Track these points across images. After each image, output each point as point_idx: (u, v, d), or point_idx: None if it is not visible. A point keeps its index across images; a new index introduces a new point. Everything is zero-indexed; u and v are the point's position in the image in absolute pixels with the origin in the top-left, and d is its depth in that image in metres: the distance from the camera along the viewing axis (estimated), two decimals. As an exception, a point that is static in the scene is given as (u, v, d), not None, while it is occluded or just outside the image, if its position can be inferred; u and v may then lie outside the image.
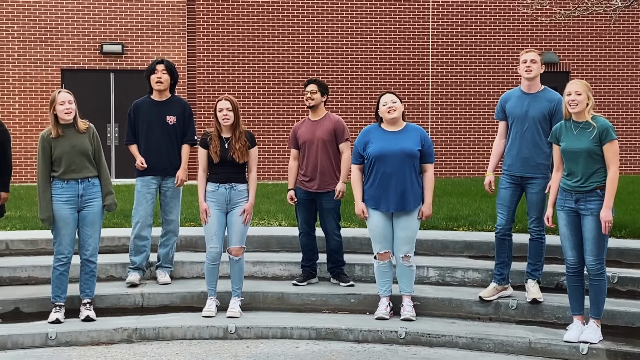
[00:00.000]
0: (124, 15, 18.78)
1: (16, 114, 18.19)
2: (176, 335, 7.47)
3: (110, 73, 18.78)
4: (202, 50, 19.30)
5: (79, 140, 7.58)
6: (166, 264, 8.59)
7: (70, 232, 7.58)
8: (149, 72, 8.47)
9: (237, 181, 7.81)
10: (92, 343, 7.30)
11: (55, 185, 7.57)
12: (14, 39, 18.36)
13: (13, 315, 7.74)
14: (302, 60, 19.71)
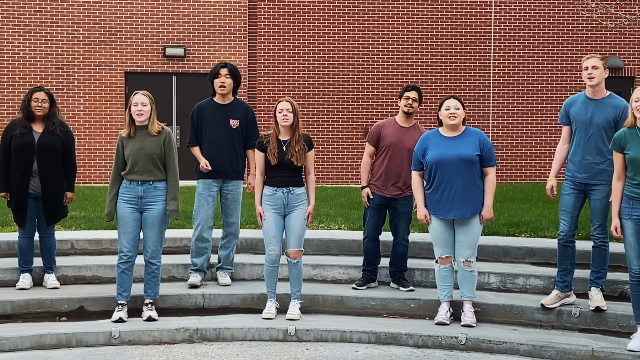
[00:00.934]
0: (186, 18, 18.99)
1: (80, 116, 18.51)
2: (236, 337, 7.53)
3: (173, 76, 19.01)
4: (262, 54, 19.42)
5: (147, 143, 7.69)
6: (227, 265, 8.66)
7: (131, 232, 7.69)
8: (213, 75, 8.52)
9: (294, 185, 7.83)
10: (154, 342, 7.39)
11: (122, 184, 7.73)
12: (79, 42, 18.68)
13: (78, 313, 7.88)
14: (362, 64, 19.70)
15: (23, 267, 8.30)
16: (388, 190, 8.38)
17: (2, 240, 9.14)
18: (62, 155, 8.23)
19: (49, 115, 8.23)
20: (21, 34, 18.47)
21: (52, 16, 18.56)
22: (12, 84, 18.45)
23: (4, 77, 18.44)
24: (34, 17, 18.50)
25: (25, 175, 8.10)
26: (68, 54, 18.65)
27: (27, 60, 18.52)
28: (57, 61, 18.63)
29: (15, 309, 7.78)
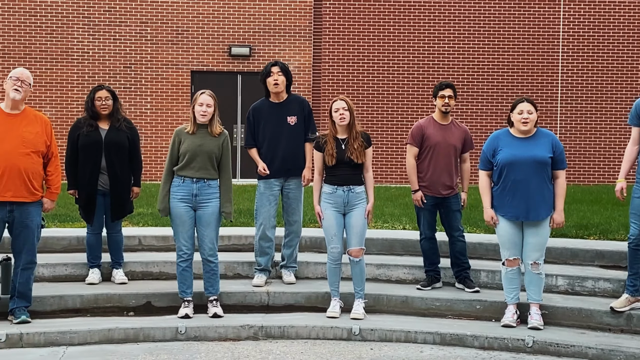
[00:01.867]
0: (252, 18, 19.11)
1: (147, 114, 18.76)
2: (301, 335, 7.54)
3: (238, 75, 19.15)
4: (327, 53, 19.45)
5: (207, 141, 7.75)
6: (291, 263, 8.68)
7: (187, 230, 7.74)
8: (265, 75, 8.50)
9: (354, 183, 7.81)
10: (219, 339, 7.45)
11: (173, 182, 7.76)
12: (147, 42, 18.94)
13: (145, 308, 7.99)
14: (427, 64, 19.60)
15: (92, 263, 8.44)
16: (438, 190, 8.34)
17: (72, 236, 9.30)
18: (128, 151, 8.34)
19: (113, 112, 8.34)
20: (91, 32, 18.79)
21: (120, 15, 18.85)
22: (81, 82, 18.78)
23: (74, 76, 18.78)
24: (103, 17, 18.81)
25: (94, 173, 8.23)
26: (136, 52, 18.92)
27: (96, 59, 18.83)
28: (125, 60, 18.91)
29: (84, 303, 7.91)
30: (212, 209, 7.75)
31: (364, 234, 7.85)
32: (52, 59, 18.72)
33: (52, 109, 18.71)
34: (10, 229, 7.36)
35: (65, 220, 10.55)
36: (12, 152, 7.17)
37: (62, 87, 18.79)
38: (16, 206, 7.25)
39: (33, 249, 7.43)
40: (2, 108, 7.34)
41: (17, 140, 7.21)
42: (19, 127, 7.26)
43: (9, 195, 7.19)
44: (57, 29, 18.69)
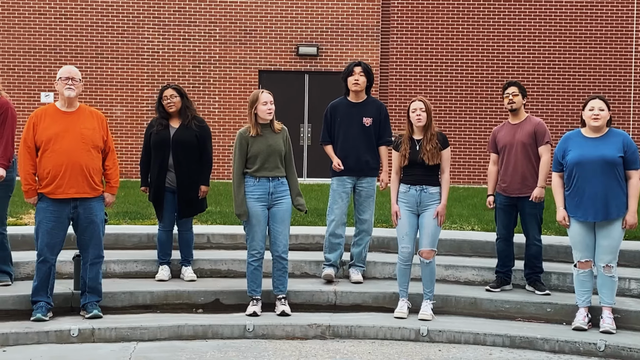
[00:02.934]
0: (319, 17, 19.14)
1: (215, 113, 18.92)
2: (368, 335, 7.52)
3: (305, 74, 19.19)
4: (394, 53, 19.38)
5: (274, 140, 7.78)
6: (359, 263, 8.67)
7: (262, 229, 7.79)
8: (347, 74, 8.56)
9: (428, 183, 7.77)
10: (287, 337, 7.47)
11: (247, 183, 7.78)
12: (215, 41, 19.11)
13: (214, 306, 8.05)
14: (497, 63, 19.39)
15: (162, 260, 8.54)
16: (512, 190, 8.24)
17: (142, 233, 9.43)
18: (197, 149, 8.41)
19: (182, 109, 8.43)
20: (160, 32, 19.03)
21: (190, 15, 19.05)
22: (151, 82, 19.04)
23: (144, 75, 19.04)
24: (173, 17, 19.03)
25: (161, 170, 8.33)
26: (205, 52, 19.10)
27: (165, 58, 19.07)
28: (194, 59, 19.11)
29: (154, 299, 8.01)
30: (286, 205, 7.81)
31: (437, 235, 7.80)
32: (122, 59, 19.01)
33: (123, 108, 19.00)
34: (75, 226, 7.49)
35: (135, 218, 10.70)
36: (73, 149, 7.29)
37: (133, 87, 19.06)
38: (79, 202, 7.37)
39: (100, 244, 7.55)
40: (59, 107, 7.46)
41: (77, 137, 7.33)
42: (76, 125, 7.37)
43: (72, 192, 7.31)
44: (128, 29, 18.97)
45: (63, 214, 7.36)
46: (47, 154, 7.29)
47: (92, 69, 18.78)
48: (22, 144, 7.36)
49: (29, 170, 7.34)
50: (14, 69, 18.57)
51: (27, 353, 6.81)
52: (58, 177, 7.27)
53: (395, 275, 8.12)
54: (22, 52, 18.72)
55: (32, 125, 7.34)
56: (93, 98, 18.55)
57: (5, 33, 18.65)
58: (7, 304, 7.56)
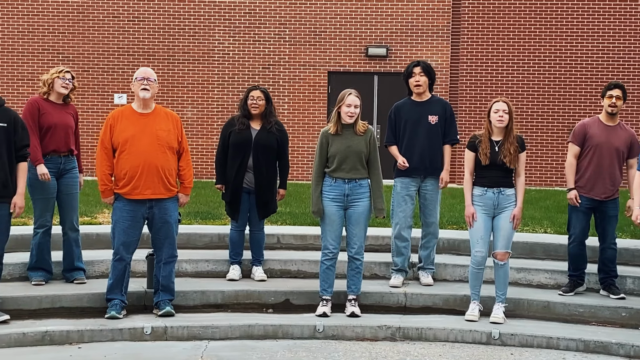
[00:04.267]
0: (389, 18, 19.08)
1: (285, 115, 19.00)
2: (439, 337, 7.47)
3: (374, 75, 19.16)
4: (465, 53, 19.21)
5: (354, 142, 7.76)
6: (428, 265, 8.62)
7: (336, 229, 7.78)
8: (407, 75, 8.50)
9: (505, 185, 7.68)
10: (356, 338, 7.46)
11: (325, 182, 7.80)
12: (285, 43, 19.20)
13: (284, 306, 8.09)
14: (570, 63, 19.07)
15: (233, 259, 8.60)
16: (596, 193, 8.06)
17: (213, 233, 9.51)
18: (276, 153, 8.46)
19: (265, 113, 8.48)
20: (231, 34, 19.19)
21: (260, 17, 19.17)
22: (221, 83, 19.21)
23: (214, 77, 19.23)
24: (243, 19, 19.18)
25: (240, 170, 8.38)
26: (274, 54, 19.21)
27: (236, 60, 19.23)
28: (264, 61, 19.23)
29: (225, 299, 8.08)
30: (363, 207, 7.77)
31: (512, 237, 7.71)
32: (194, 60, 19.22)
33: (194, 109, 19.22)
34: (150, 225, 7.59)
35: (207, 218, 10.81)
36: (149, 150, 7.39)
37: (204, 88, 19.26)
38: (155, 202, 7.47)
39: (173, 243, 7.64)
40: (135, 108, 7.57)
41: (152, 138, 7.42)
42: (152, 126, 7.47)
43: (148, 192, 7.41)
44: (200, 31, 19.18)
45: (138, 214, 7.47)
46: (124, 156, 7.40)
47: (164, 70, 19.03)
48: (100, 145, 7.49)
49: (105, 171, 7.47)
50: (88, 70, 18.94)
51: (101, 350, 6.93)
52: (135, 178, 7.38)
53: (465, 278, 8.06)
54: (96, 55, 19.08)
55: (109, 127, 7.47)
56: (165, 99, 18.80)
57: (80, 36, 19.02)
58: (82, 302, 7.71)
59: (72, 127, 8.12)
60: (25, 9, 18.94)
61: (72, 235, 8.15)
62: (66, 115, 8.07)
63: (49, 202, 8.03)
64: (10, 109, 7.31)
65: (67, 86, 8.05)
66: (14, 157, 7.15)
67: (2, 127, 7.07)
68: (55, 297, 7.67)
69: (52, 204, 8.06)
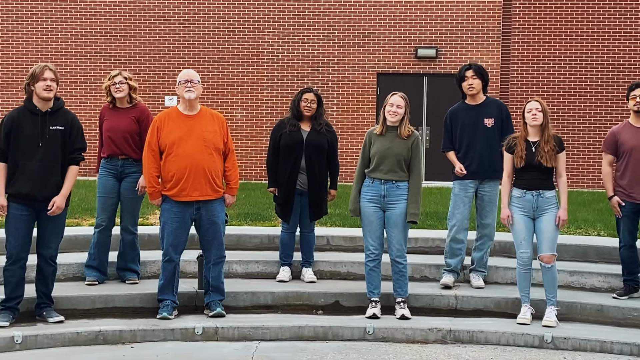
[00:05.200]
0: (438, 19, 18.99)
1: (334, 116, 19.01)
2: (490, 340, 7.41)
3: (424, 77, 19.08)
4: (516, 54, 19.04)
5: (396, 144, 7.74)
6: (480, 267, 8.56)
7: (375, 230, 7.77)
8: (460, 79, 8.46)
9: (544, 187, 7.61)
10: (407, 341, 7.44)
11: (365, 182, 7.81)
12: (334, 45, 19.20)
13: (333, 307, 8.09)
14: (623, 64, 18.80)
15: (283, 260, 8.62)
16: (637, 196, 7.97)
17: (263, 234, 9.55)
18: (327, 154, 8.47)
19: (316, 115, 8.49)
20: (280, 36, 19.25)
21: (309, 19, 19.20)
22: (270, 85, 19.28)
23: (264, 79, 19.30)
24: (292, 21, 19.23)
25: (293, 172, 8.40)
26: (323, 55, 19.22)
27: (285, 62, 19.28)
28: (312, 63, 19.25)
29: (275, 300, 8.10)
30: (400, 210, 7.73)
31: (556, 239, 7.62)
32: (243, 62, 19.32)
33: (243, 111, 19.31)
34: (198, 227, 7.64)
35: (256, 219, 10.85)
36: (196, 152, 7.43)
37: (253, 90, 19.35)
38: (202, 204, 7.51)
39: (221, 244, 7.68)
40: (181, 110, 7.62)
41: (199, 140, 7.47)
42: (198, 127, 7.51)
43: (195, 194, 7.46)
44: (249, 33, 19.27)
45: (186, 215, 7.52)
46: (171, 158, 7.46)
47: (214, 72, 19.17)
48: (147, 147, 7.56)
49: (152, 173, 7.53)
50: (140, 73, 19.13)
51: (154, 350, 7.00)
52: (182, 180, 7.44)
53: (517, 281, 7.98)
54: (147, 57, 19.27)
55: (155, 129, 7.53)
56: (214, 101, 18.93)
57: (131, 39, 19.24)
58: (134, 302, 7.80)
59: (130, 130, 8.14)
60: (78, 13, 19.21)
61: (127, 238, 8.24)
62: (124, 120, 8.16)
63: (105, 201, 8.14)
64: (69, 112, 7.43)
65: (119, 89, 8.15)
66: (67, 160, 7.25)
67: (58, 130, 7.18)
68: (109, 297, 7.76)
69: (109, 204, 8.16)
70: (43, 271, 7.27)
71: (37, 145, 7.08)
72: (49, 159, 7.10)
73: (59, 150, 7.17)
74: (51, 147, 7.12)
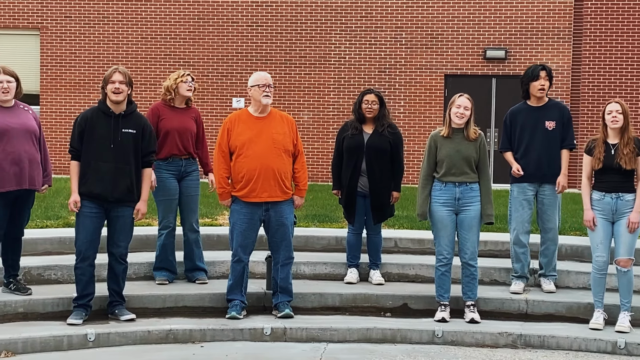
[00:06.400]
0: (508, 20, 18.78)
1: (400, 118, 18.94)
2: (562, 345, 7.30)
3: (492, 78, 18.89)
4: (587, 55, 18.72)
5: (464, 146, 7.69)
6: (550, 272, 8.43)
7: (449, 234, 7.71)
8: (531, 78, 8.32)
9: (624, 190, 7.46)
10: (476, 345, 7.37)
11: (434, 187, 7.76)
12: (401, 46, 19.13)
13: (401, 310, 8.05)
14: (697, 65, 18.37)
15: (350, 262, 8.62)
16: None
17: (330, 236, 9.56)
18: (389, 155, 8.44)
19: (379, 116, 8.47)
20: (347, 38, 19.25)
21: (376, 21, 19.17)
22: (337, 87, 19.30)
23: (330, 80, 19.33)
24: (360, 22, 19.21)
25: (354, 174, 8.40)
26: (391, 57, 19.17)
27: (352, 63, 19.27)
28: (380, 64, 19.21)
29: (343, 302, 8.10)
30: (474, 212, 7.68)
31: (634, 243, 7.48)
32: (310, 64, 19.37)
33: (310, 113, 19.37)
34: (267, 228, 7.67)
35: (324, 221, 10.86)
36: (266, 154, 7.47)
37: (319, 92, 19.39)
38: (271, 205, 7.55)
39: (290, 246, 7.71)
40: (251, 112, 7.66)
41: (269, 142, 7.50)
42: (268, 129, 7.54)
43: (265, 195, 7.49)
44: (316, 35, 19.32)
45: (255, 216, 7.57)
46: (241, 159, 7.51)
47: (281, 74, 19.26)
48: (217, 149, 7.62)
49: (222, 174, 7.60)
50: (208, 75, 19.33)
51: (223, 349, 7.06)
52: (252, 181, 7.48)
53: (589, 285, 7.86)
54: (215, 59, 19.46)
55: (226, 131, 7.59)
56: (281, 103, 19.02)
57: (200, 41, 19.44)
58: (204, 301, 7.87)
59: (193, 130, 8.25)
60: (148, 16, 19.50)
61: (192, 237, 8.32)
62: (187, 119, 8.24)
63: (171, 203, 8.22)
64: (142, 116, 7.53)
65: (191, 88, 8.25)
66: (140, 163, 7.36)
67: (131, 134, 7.28)
68: (179, 297, 7.85)
69: (174, 205, 8.25)
70: (114, 269, 7.39)
71: (108, 147, 7.20)
72: (120, 161, 7.21)
73: (131, 153, 7.27)
74: (123, 150, 7.23)
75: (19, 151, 7.25)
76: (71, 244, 7.91)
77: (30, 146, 7.34)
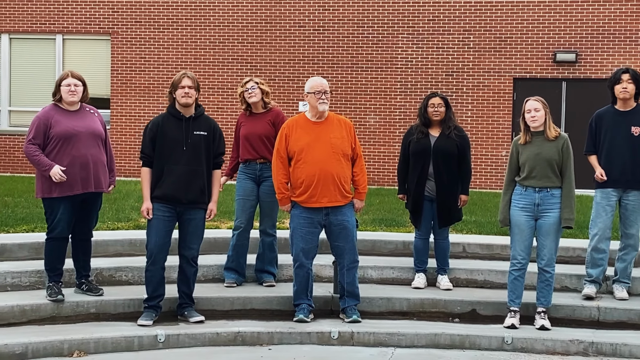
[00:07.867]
0: (578, 23, 18.47)
1: (468, 122, 18.77)
2: (635, 354, 7.17)
3: (562, 82, 18.59)
4: (660, 58, 18.32)
5: (545, 149, 7.58)
6: (624, 279, 8.27)
7: (525, 239, 7.61)
8: (613, 82, 8.20)
9: None
10: (546, 352, 7.27)
11: (515, 191, 7.68)
12: (469, 49, 18.96)
13: (470, 316, 7.98)
14: None
15: (418, 267, 8.57)
16: None
17: (398, 240, 9.52)
18: (457, 159, 8.37)
19: (445, 119, 8.42)
20: (414, 42, 19.17)
21: (444, 24, 19.04)
22: (403, 91, 19.22)
23: (397, 84, 19.26)
24: (427, 26, 19.11)
25: (421, 179, 8.36)
26: (458, 60, 19.01)
27: (419, 67, 19.17)
28: (447, 68, 19.08)
29: (410, 306, 8.06)
30: (554, 218, 7.57)
31: None
32: (377, 68, 19.32)
33: (376, 117, 19.33)
34: (328, 233, 7.68)
35: (391, 225, 10.82)
36: (324, 159, 7.47)
37: (386, 96, 19.32)
38: (331, 209, 7.55)
39: (354, 249, 7.70)
40: (309, 117, 7.67)
41: (327, 146, 7.50)
42: (326, 134, 7.54)
43: (325, 201, 7.50)
44: (383, 38, 19.27)
45: (315, 221, 7.57)
46: (300, 164, 7.52)
47: (347, 78, 19.26)
48: (275, 154, 7.65)
49: (282, 179, 7.61)
50: (275, 79, 19.42)
51: (290, 352, 7.08)
52: (311, 186, 7.49)
53: (664, 293, 7.69)
54: (282, 63, 19.54)
55: (284, 136, 7.61)
56: (347, 107, 19.02)
57: (267, 45, 19.55)
58: (272, 304, 7.91)
59: (269, 134, 8.26)
60: (216, 20, 19.68)
61: (266, 240, 8.36)
62: (262, 124, 8.30)
63: (244, 203, 8.29)
64: (210, 118, 7.63)
65: (252, 94, 8.31)
66: (211, 165, 7.44)
67: (202, 136, 7.38)
68: (247, 299, 7.90)
69: (248, 206, 8.31)
70: (185, 272, 7.47)
71: (181, 150, 7.29)
72: (193, 163, 7.31)
73: (203, 155, 7.36)
74: (195, 152, 7.32)
75: (85, 155, 7.37)
76: (141, 245, 8.01)
77: (96, 149, 7.46)
